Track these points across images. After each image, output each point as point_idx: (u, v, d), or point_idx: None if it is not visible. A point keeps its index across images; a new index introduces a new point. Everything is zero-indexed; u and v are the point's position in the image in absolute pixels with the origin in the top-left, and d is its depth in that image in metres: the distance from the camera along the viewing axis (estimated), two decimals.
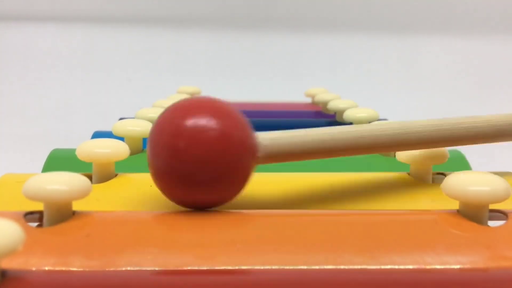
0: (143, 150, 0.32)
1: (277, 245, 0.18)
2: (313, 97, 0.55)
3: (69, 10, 0.91)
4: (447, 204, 0.23)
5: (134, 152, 0.31)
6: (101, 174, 0.26)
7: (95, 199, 0.24)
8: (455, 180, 0.21)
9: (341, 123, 0.44)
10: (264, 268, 0.17)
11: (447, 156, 0.27)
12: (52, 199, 0.19)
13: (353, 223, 0.20)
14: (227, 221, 0.21)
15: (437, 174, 0.28)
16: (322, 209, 0.24)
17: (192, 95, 0.53)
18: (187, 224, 0.20)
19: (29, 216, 0.21)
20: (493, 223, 0.21)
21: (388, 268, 0.18)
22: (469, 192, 0.20)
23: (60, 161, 0.31)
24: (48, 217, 0.20)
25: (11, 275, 0.16)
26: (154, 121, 0.21)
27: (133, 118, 0.35)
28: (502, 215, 0.22)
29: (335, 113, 0.46)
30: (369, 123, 0.26)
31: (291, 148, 0.23)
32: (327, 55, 0.91)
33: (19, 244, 0.15)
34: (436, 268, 0.18)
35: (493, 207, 0.21)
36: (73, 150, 0.27)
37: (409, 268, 0.18)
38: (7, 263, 0.16)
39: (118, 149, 0.26)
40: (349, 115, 0.39)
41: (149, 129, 0.31)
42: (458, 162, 0.31)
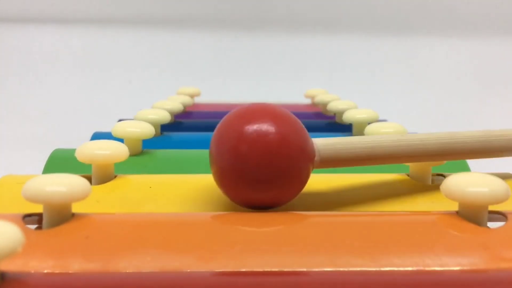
0: (142, 151, 0.32)
1: (276, 247, 0.18)
2: (313, 98, 0.55)
3: (69, 11, 0.91)
4: (446, 205, 0.23)
5: (133, 153, 0.31)
6: (101, 175, 0.26)
7: (94, 201, 0.24)
8: (454, 181, 0.21)
9: (340, 124, 0.44)
10: (263, 270, 0.17)
11: None
12: (51, 201, 0.19)
13: (353, 225, 0.20)
14: (226, 221, 0.21)
15: (436, 175, 0.28)
16: (321, 211, 0.24)
17: (192, 96, 0.53)
18: (186, 225, 0.20)
19: (28, 218, 0.21)
20: (492, 225, 0.21)
21: (387, 269, 0.18)
22: (469, 193, 0.20)
23: (61, 161, 0.31)
24: (47, 219, 0.20)
25: (10, 277, 0.16)
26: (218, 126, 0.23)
27: (132, 119, 0.35)
28: (501, 216, 0.22)
29: (334, 114, 0.46)
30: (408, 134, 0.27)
31: (346, 154, 0.24)
32: (327, 56, 0.91)
33: (19, 246, 0.15)
34: (435, 269, 0.18)
35: (492, 208, 0.21)
36: (75, 150, 0.27)
37: (409, 269, 0.18)
38: (6, 265, 0.16)
39: (117, 151, 0.26)
40: (349, 116, 0.39)
41: (148, 130, 0.32)
42: (457, 163, 0.31)
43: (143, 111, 0.37)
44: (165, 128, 0.39)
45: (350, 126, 0.40)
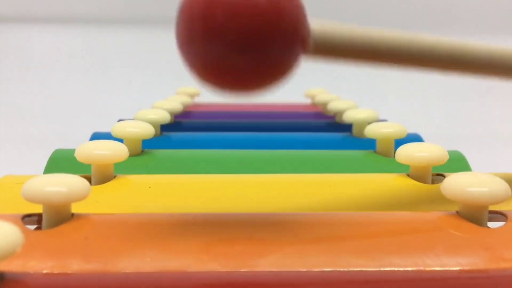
0: (142, 151, 0.32)
1: (276, 247, 0.18)
2: (312, 98, 0.55)
3: (69, 11, 0.91)
4: (446, 205, 0.23)
5: (133, 153, 0.31)
6: (100, 175, 0.26)
7: (94, 201, 0.24)
8: (454, 181, 0.20)
9: (340, 124, 0.44)
10: (263, 270, 0.17)
11: (446, 157, 0.27)
12: (51, 201, 0.19)
13: (353, 225, 0.20)
14: (226, 222, 0.21)
15: (436, 175, 0.28)
16: (321, 211, 0.24)
17: (192, 96, 0.53)
18: (186, 225, 0.20)
19: (28, 218, 0.21)
20: (492, 224, 0.21)
21: (387, 269, 0.18)
22: (469, 193, 0.20)
23: (62, 161, 0.31)
24: (46, 219, 0.20)
25: (9, 277, 0.16)
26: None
27: (132, 119, 0.35)
28: (501, 216, 0.22)
29: (335, 114, 0.46)
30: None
31: (346, 41, 0.20)
32: None
33: (18, 246, 0.15)
34: (435, 269, 0.18)
35: (492, 208, 0.21)
36: (75, 150, 0.26)
37: (409, 269, 0.18)
38: (6, 265, 0.16)
39: (117, 151, 0.26)
40: (349, 116, 0.39)
41: (148, 130, 0.32)
42: (458, 163, 0.31)
43: (142, 111, 0.37)
44: (165, 128, 0.39)
45: (350, 126, 0.40)
